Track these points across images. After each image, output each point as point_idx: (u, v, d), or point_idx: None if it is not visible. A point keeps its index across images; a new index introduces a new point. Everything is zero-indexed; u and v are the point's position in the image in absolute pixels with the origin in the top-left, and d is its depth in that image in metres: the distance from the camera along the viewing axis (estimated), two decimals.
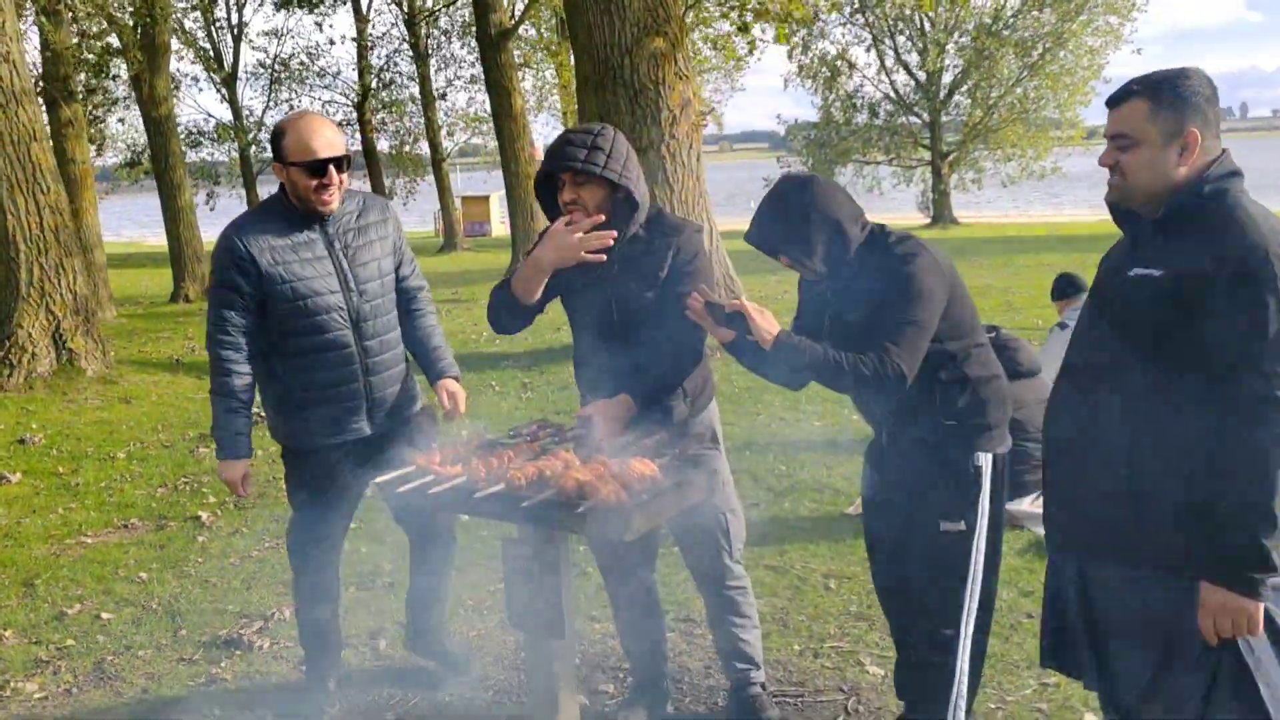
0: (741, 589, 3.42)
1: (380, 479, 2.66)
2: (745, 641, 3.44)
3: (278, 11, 26.70)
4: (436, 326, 3.66)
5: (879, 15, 33.25)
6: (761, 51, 14.89)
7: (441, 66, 30.22)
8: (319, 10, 26.40)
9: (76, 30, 17.45)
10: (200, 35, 28.44)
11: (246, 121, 29.52)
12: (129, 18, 16.76)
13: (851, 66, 34.59)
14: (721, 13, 13.22)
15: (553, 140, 3.17)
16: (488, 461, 2.59)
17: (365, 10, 29.30)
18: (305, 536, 3.56)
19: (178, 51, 26.86)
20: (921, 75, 33.91)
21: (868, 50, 34.56)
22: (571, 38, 10.02)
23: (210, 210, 30.76)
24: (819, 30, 32.74)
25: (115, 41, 18.19)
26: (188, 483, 6.63)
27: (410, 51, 29.04)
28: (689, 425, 3.14)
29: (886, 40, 34.03)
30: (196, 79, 40.53)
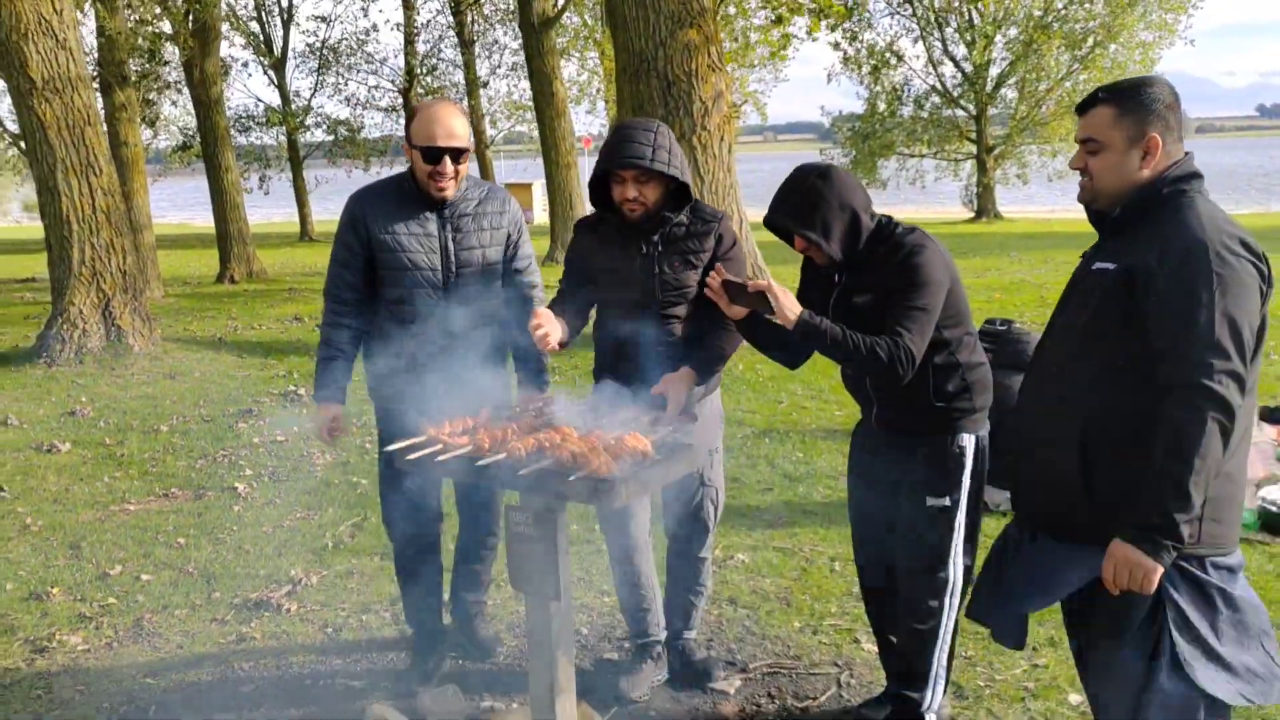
0: (706, 560, 3.66)
1: (391, 447, 2.85)
2: (695, 606, 3.73)
3: None
4: None
5: (926, 6, 32.98)
6: (799, 44, 14.86)
7: (485, 54, 30.48)
8: None
9: (131, 16, 17.87)
10: (251, 20, 28.93)
11: (294, 106, 29.99)
12: (181, 4, 17.16)
13: (899, 58, 34.34)
14: (760, 3, 13.27)
15: (609, 134, 3.32)
16: (492, 433, 2.77)
17: None
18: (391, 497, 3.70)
19: (228, 37, 27.38)
20: (968, 67, 33.59)
21: (914, 42, 34.32)
22: (610, 29, 10.18)
23: (265, 195, 31.34)
24: (865, 21, 32.57)
25: (167, 27, 18.62)
26: (226, 455, 6.90)
27: (455, 38, 29.32)
28: (702, 404, 3.31)
29: (934, 32, 33.74)
30: (247, 64, 41.15)
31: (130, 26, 17.44)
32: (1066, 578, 2.43)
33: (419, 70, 30.19)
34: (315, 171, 33.71)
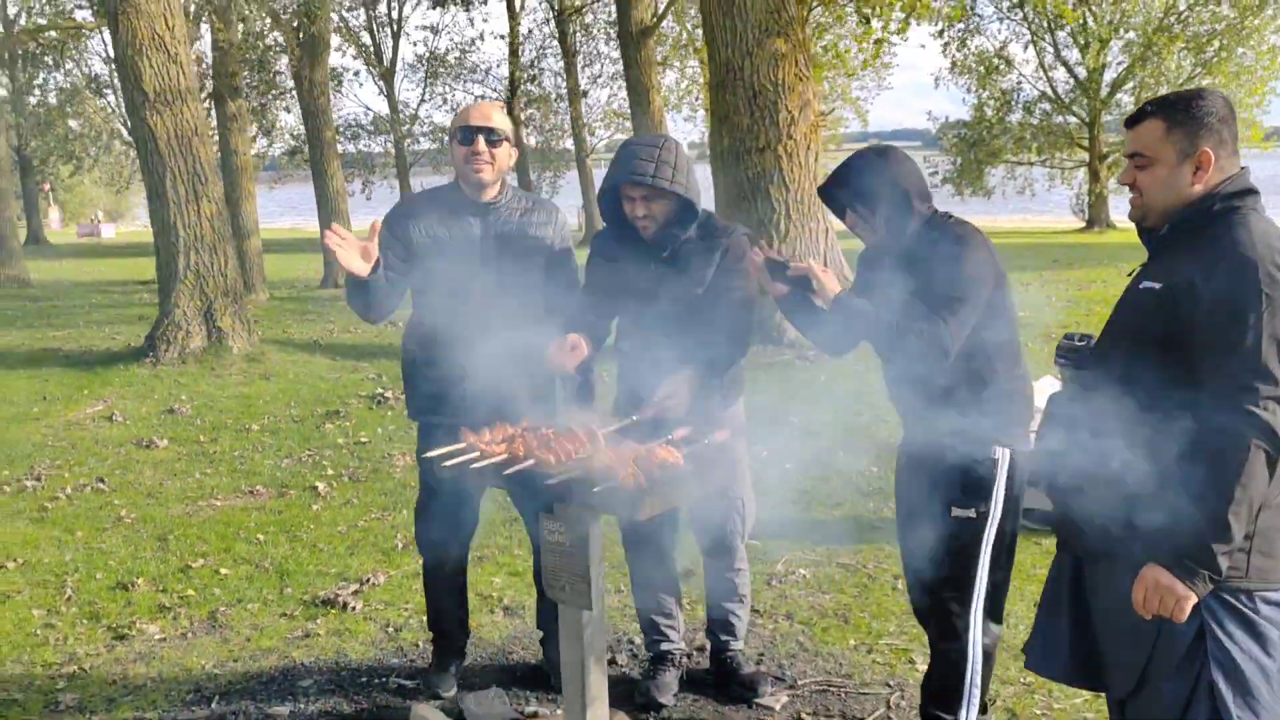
0: (742, 570, 3.66)
1: (430, 453, 2.91)
2: (737, 616, 3.71)
3: (434, 8, 27.71)
4: None
5: (1038, 11, 32.10)
6: (893, 50, 14.67)
7: (587, 63, 30.84)
8: (473, 7, 27.31)
9: (243, 30, 18.62)
10: (362, 31, 29.84)
11: (402, 114, 30.80)
12: (292, 17, 17.80)
13: (1008, 63, 33.51)
14: (854, 6, 13.16)
15: (618, 151, 3.35)
16: (528, 441, 2.81)
17: (517, 7, 30.17)
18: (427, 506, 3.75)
19: (339, 48, 28.30)
20: (1082, 72, 32.57)
21: (1025, 47, 33.43)
22: (705, 40, 10.22)
23: (367, 200, 32.26)
24: (974, 26, 31.92)
25: (279, 38, 19.34)
26: (311, 455, 7.13)
27: (558, 47, 29.74)
28: (720, 414, 3.31)
29: (1045, 36, 32.82)
30: (358, 73, 42.46)
31: (241, 39, 18.18)
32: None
33: (522, 79, 30.71)
34: (420, 178, 34.53)
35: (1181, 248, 2.27)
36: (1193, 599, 2.14)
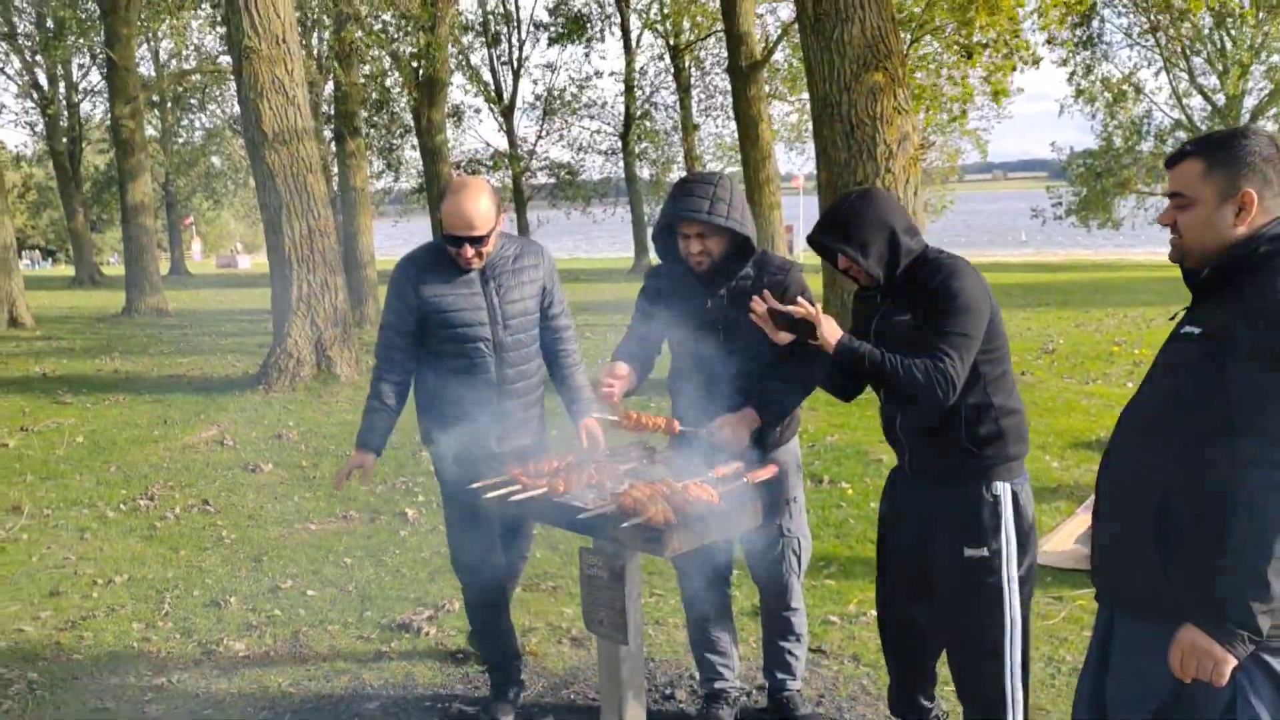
0: (799, 610, 3.63)
1: (475, 484, 2.99)
2: (794, 656, 3.67)
3: (550, 46, 28.46)
4: (579, 364, 3.93)
5: (1172, 36, 30.98)
6: (1014, 84, 14.34)
7: (701, 98, 31.13)
8: (591, 45, 27.95)
9: (364, 69, 19.45)
10: (483, 67, 30.79)
11: (520, 150, 31.58)
12: (411, 59, 18.52)
13: (1138, 91, 32.41)
14: (955, 40, 12.98)
15: (673, 188, 3.40)
16: (567, 476, 2.86)
17: (634, 45, 30.71)
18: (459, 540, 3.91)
19: (461, 86, 29.23)
20: (1220, 99, 31.25)
21: (1156, 74, 32.27)
22: (805, 73, 10.22)
23: None
24: (1101, 53, 31.00)
25: (398, 79, 20.11)
26: (404, 482, 7.33)
27: (672, 83, 30.11)
28: (775, 453, 3.30)
29: (1179, 63, 31.63)
30: (479, 110, 43.74)
31: (362, 80, 18.98)
32: (1158, 677, 2.23)
33: (636, 114, 31.17)
34: (537, 213, 35.31)
35: (1222, 292, 2.19)
36: (1232, 662, 2.04)
